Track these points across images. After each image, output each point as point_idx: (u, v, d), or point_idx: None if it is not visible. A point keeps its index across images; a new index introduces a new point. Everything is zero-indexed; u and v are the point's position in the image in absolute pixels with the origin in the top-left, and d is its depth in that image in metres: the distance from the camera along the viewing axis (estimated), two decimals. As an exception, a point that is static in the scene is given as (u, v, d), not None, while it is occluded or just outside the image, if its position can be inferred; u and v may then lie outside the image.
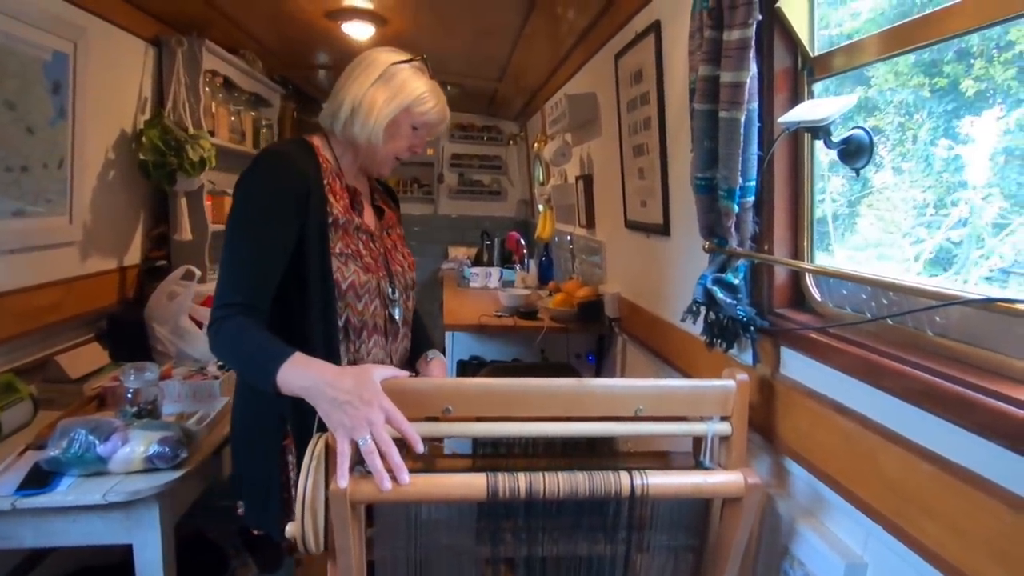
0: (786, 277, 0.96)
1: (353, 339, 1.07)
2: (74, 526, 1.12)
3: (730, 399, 0.88)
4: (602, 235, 2.11)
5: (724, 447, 0.90)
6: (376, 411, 0.77)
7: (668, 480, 0.84)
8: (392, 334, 1.15)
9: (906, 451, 0.69)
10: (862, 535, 0.80)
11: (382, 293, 1.11)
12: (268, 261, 0.96)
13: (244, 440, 1.11)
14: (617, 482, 0.82)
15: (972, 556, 0.60)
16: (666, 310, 1.42)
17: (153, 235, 2.00)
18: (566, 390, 0.86)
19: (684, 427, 0.92)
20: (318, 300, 1.02)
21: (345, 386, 0.79)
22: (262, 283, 0.96)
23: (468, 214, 4.31)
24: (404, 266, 1.20)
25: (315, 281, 1.01)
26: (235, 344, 0.91)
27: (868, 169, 1.00)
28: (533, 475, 0.81)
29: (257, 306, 0.94)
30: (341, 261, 1.03)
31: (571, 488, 0.82)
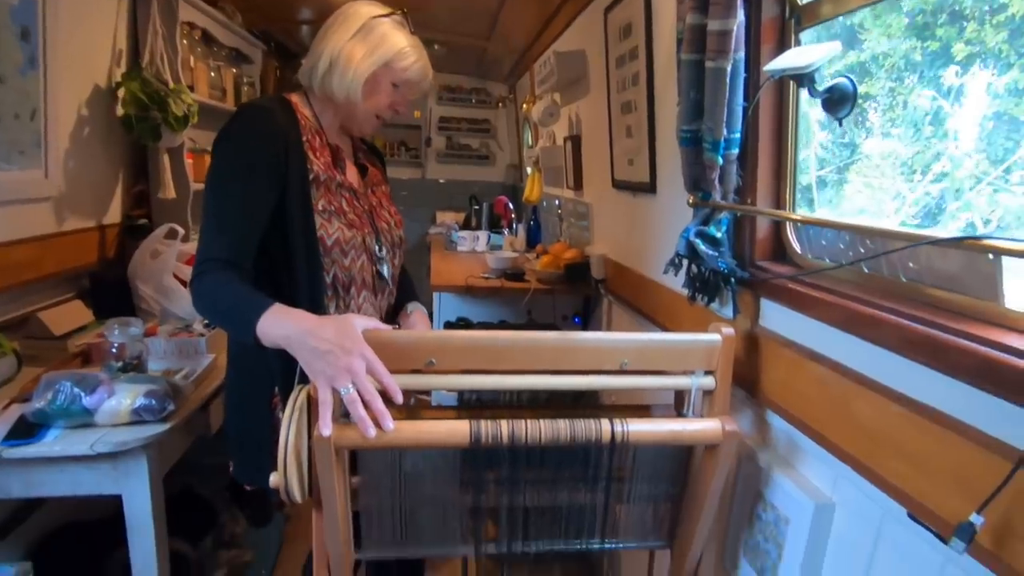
0: (768, 230, 0.97)
1: (342, 295, 1.08)
2: (62, 476, 1.13)
3: (715, 353, 0.89)
4: (590, 197, 2.10)
5: (707, 401, 0.92)
6: (357, 360, 0.76)
7: (648, 427, 0.86)
8: (380, 290, 1.16)
9: (878, 395, 0.71)
10: (832, 477, 0.83)
11: (368, 249, 1.11)
12: (249, 216, 0.95)
13: (235, 397, 1.12)
14: (598, 429, 0.84)
15: (935, 489, 0.63)
16: (651, 268, 1.43)
17: (133, 193, 1.96)
18: (551, 343, 0.86)
19: (668, 381, 0.93)
20: (302, 257, 1.01)
21: (326, 335, 0.77)
22: (243, 238, 0.95)
23: (456, 179, 4.26)
24: (391, 223, 1.19)
25: (298, 238, 1.00)
26: (216, 297, 0.90)
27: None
28: (516, 422, 0.82)
29: (238, 262, 0.93)
30: (324, 218, 1.03)
31: (553, 434, 0.83)
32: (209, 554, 1.73)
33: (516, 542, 0.97)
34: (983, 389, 0.56)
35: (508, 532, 0.96)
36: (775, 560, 0.92)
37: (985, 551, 0.56)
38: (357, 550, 0.97)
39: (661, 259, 1.21)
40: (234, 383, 1.12)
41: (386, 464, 0.89)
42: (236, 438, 1.12)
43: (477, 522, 0.96)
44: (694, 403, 0.92)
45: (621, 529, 1.00)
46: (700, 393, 0.91)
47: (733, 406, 1.07)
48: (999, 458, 0.55)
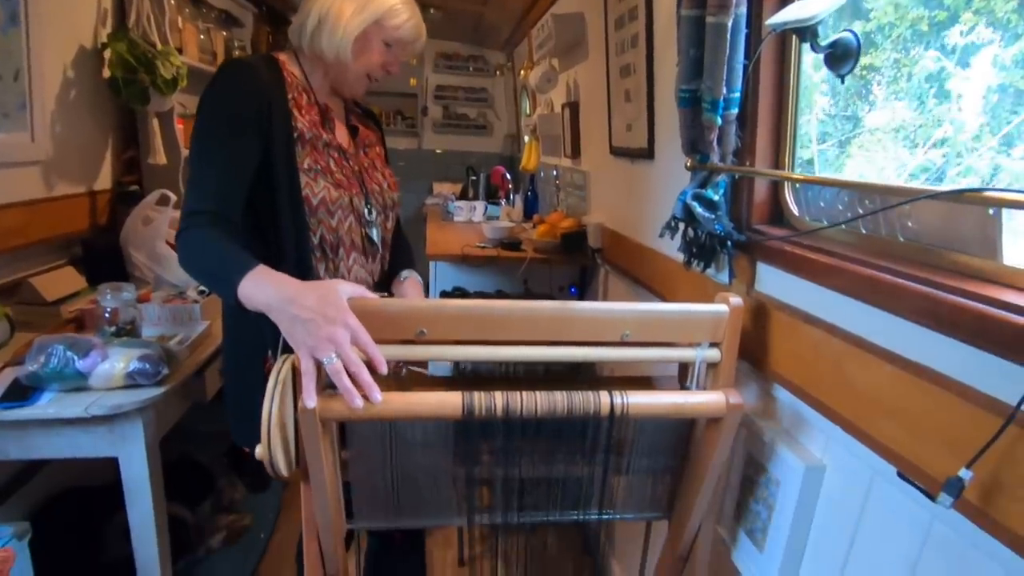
0: (766, 193, 0.96)
1: (331, 256, 1.06)
2: (58, 439, 1.13)
3: (722, 324, 0.84)
4: (587, 165, 2.07)
5: (712, 373, 0.88)
6: (340, 329, 0.72)
7: (648, 400, 0.83)
8: (371, 254, 1.14)
9: (871, 356, 0.70)
10: (823, 440, 0.83)
11: (356, 211, 1.08)
12: (234, 168, 0.93)
13: (230, 361, 1.12)
14: (597, 401, 0.80)
15: (925, 448, 0.63)
16: (648, 236, 1.42)
17: (124, 159, 1.93)
18: (549, 313, 0.81)
19: (672, 353, 0.89)
20: (288, 217, 0.99)
21: (308, 303, 0.73)
22: (229, 191, 0.93)
23: (453, 149, 4.21)
24: (383, 186, 1.16)
25: (283, 197, 0.99)
26: (200, 253, 0.88)
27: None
28: (510, 394, 0.79)
29: (225, 215, 0.91)
30: (310, 177, 1.01)
31: (549, 407, 0.80)
32: (208, 518, 1.76)
33: (511, 513, 0.95)
34: (978, 346, 0.56)
35: (503, 503, 0.94)
36: (765, 522, 0.93)
37: (972, 507, 0.57)
38: (348, 520, 0.96)
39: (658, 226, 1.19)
40: (228, 347, 1.12)
41: (376, 435, 0.87)
42: (233, 401, 1.12)
43: (471, 492, 0.94)
44: (698, 376, 0.88)
45: (619, 501, 0.99)
46: (704, 366, 0.87)
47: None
48: (991, 415, 0.55)
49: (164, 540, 1.28)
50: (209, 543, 1.71)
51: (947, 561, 0.63)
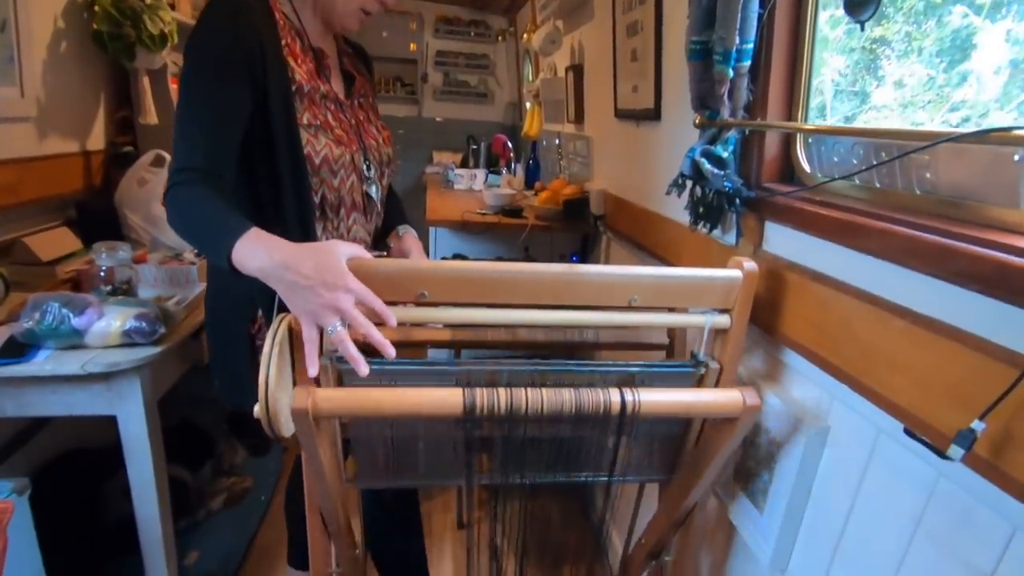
0: (776, 149, 0.93)
1: (331, 217, 1.03)
2: (55, 397, 1.12)
3: (734, 290, 0.81)
4: (591, 130, 2.03)
5: (720, 341, 0.85)
6: (342, 294, 0.69)
7: (660, 398, 0.79)
8: (370, 212, 1.11)
9: (881, 311, 0.69)
10: (827, 401, 0.82)
11: (357, 168, 1.05)
12: (225, 119, 0.88)
13: (215, 319, 1.08)
14: (607, 399, 0.77)
15: (933, 403, 0.62)
16: (652, 200, 1.39)
17: (117, 118, 1.89)
18: (555, 276, 0.77)
19: (680, 319, 0.86)
20: (289, 176, 0.95)
21: (305, 269, 0.69)
22: (220, 146, 0.88)
23: (454, 117, 4.13)
24: (379, 140, 1.12)
25: (284, 156, 0.94)
26: (190, 214, 0.83)
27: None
28: (515, 391, 0.76)
29: (217, 172, 0.86)
30: (311, 133, 0.96)
31: (556, 406, 0.76)
32: (208, 481, 1.77)
33: (512, 475, 0.94)
34: (997, 297, 0.54)
35: (503, 466, 0.93)
36: (766, 484, 0.92)
37: (982, 460, 0.56)
38: (349, 480, 0.96)
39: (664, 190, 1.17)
40: (211, 304, 1.08)
41: None
42: (217, 358, 1.09)
43: (471, 455, 0.92)
44: (706, 343, 0.85)
45: (620, 467, 0.98)
46: (712, 333, 0.84)
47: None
48: (1007, 367, 0.53)
49: (165, 499, 1.28)
50: (210, 505, 1.73)
51: (952, 516, 0.62)
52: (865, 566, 0.74)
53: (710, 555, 1.14)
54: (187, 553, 1.49)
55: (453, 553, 1.69)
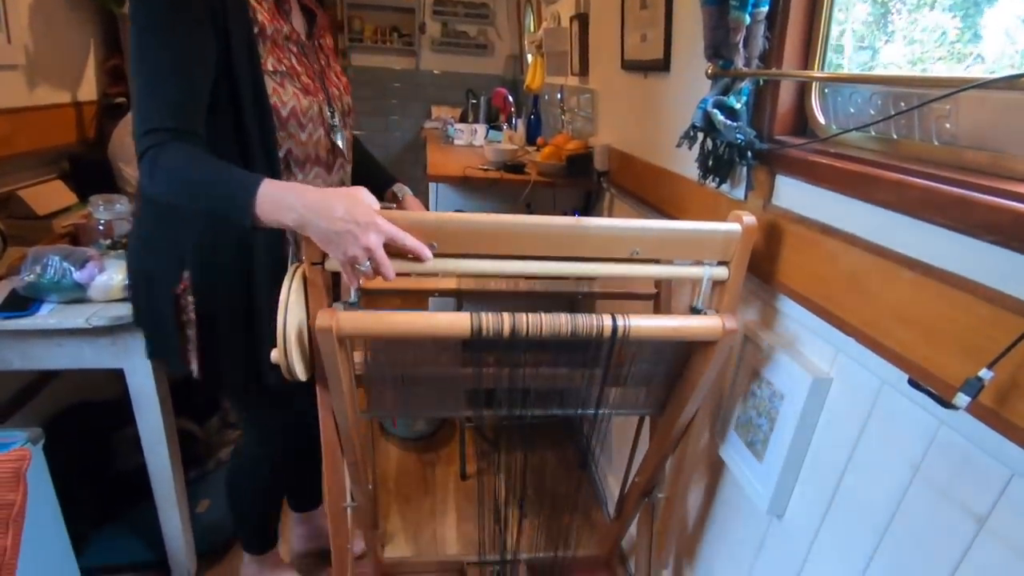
0: (791, 102, 0.91)
1: (295, 172, 0.97)
2: (60, 350, 1.13)
3: (733, 243, 0.84)
4: (595, 83, 1.98)
5: (718, 291, 0.89)
6: (373, 236, 0.72)
7: (648, 323, 0.85)
8: (332, 165, 1.05)
9: (891, 263, 0.69)
10: (831, 353, 0.83)
11: (325, 120, 0.99)
12: (192, 70, 0.81)
13: (141, 279, 1.02)
14: (600, 323, 0.83)
15: (939, 353, 0.62)
16: (659, 155, 1.37)
17: (108, 67, 1.83)
18: (560, 229, 0.81)
19: (679, 270, 0.89)
20: (255, 129, 0.89)
21: (338, 213, 0.71)
22: (191, 100, 0.81)
23: (452, 70, 4.02)
24: (340, 88, 1.06)
25: (249, 108, 0.87)
26: (187, 174, 0.78)
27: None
28: (517, 315, 0.80)
29: (192, 130, 0.81)
30: (276, 81, 0.90)
31: (554, 328, 0.82)
32: (216, 432, 1.80)
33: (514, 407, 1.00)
34: (1010, 247, 0.54)
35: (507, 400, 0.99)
36: (766, 433, 0.95)
37: (985, 408, 0.57)
38: (364, 411, 1.02)
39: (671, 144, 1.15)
40: (137, 264, 1.02)
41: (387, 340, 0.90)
42: (141, 310, 1.04)
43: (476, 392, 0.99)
44: (704, 293, 0.88)
45: (613, 402, 1.04)
46: (711, 284, 0.88)
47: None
48: (1015, 317, 0.54)
49: (175, 450, 1.31)
50: (218, 456, 1.76)
51: (951, 463, 0.64)
52: (862, 511, 0.77)
53: (709, 502, 1.17)
54: (198, 501, 1.53)
55: (456, 504, 1.74)
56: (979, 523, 0.60)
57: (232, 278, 0.98)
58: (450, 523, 1.68)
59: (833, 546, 0.82)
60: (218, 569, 1.46)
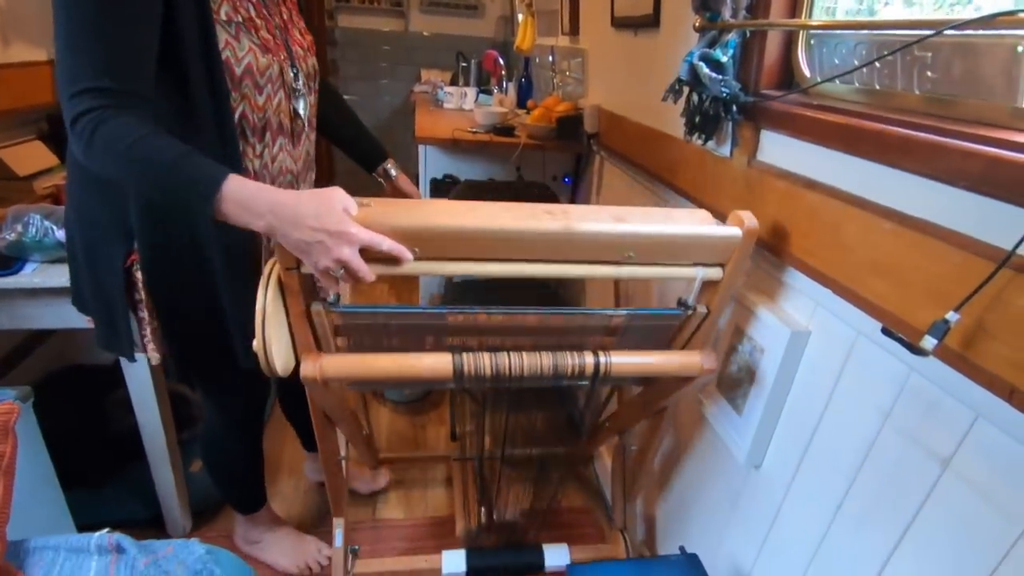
0: (777, 55, 0.90)
1: (253, 142, 0.87)
2: (48, 310, 1.13)
3: (732, 247, 0.79)
4: (586, 41, 1.94)
5: (709, 289, 0.85)
6: (346, 248, 0.66)
7: (630, 360, 0.85)
8: (296, 135, 0.95)
9: (869, 214, 0.69)
10: (810, 307, 0.85)
11: (286, 82, 0.89)
12: (130, 16, 0.69)
13: (86, 252, 0.91)
14: (581, 362, 0.83)
15: (912, 301, 0.63)
16: (647, 114, 1.36)
17: (83, 25, 1.77)
18: (553, 235, 0.74)
19: (672, 271, 0.83)
20: (203, 89, 0.78)
21: (309, 222, 0.66)
22: (132, 53, 0.69)
23: (442, 32, 3.92)
24: (304, 47, 0.95)
25: (196, 61, 0.75)
26: (136, 152, 0.67)
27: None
28: (498, 355, 0.80)
29: (134, 90, 0.70)
30: (230, 33, 0.79)
31: (535, 368, 0.81)
32: (208, 396, 1.81)
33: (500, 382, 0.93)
34: (982, 192, 0.55)
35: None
36: (747, 387, 0.97)
37: (952, 353, 0.58)
38: (349, 384, 1.00)
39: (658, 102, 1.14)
40: (80, 235, 0.90)
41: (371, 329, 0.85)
42: (85, 294, 0.95)
43: None
44: (695, 293, 0.84)
45: None
46: (702, 284, 0.83)
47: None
48: (985, 262, 0.54)
49: (166, 410, 1.32)
50: (211, 419, 1.78)
51: (919, 408, 0.66)
52: (834, 458, 0.79)
53: (689, 455, 1.20)
54: (191, 461, 1.55)
55: (446, 462, 1.78)
56: (943, 465, 0.63)
57: (186, 252, 0.88)
58: (439, 481, 1.71)
59: (806, 493, 0.85)
60: (212, 526, 1.49)
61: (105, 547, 0.77)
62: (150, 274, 0.89)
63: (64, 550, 0.77)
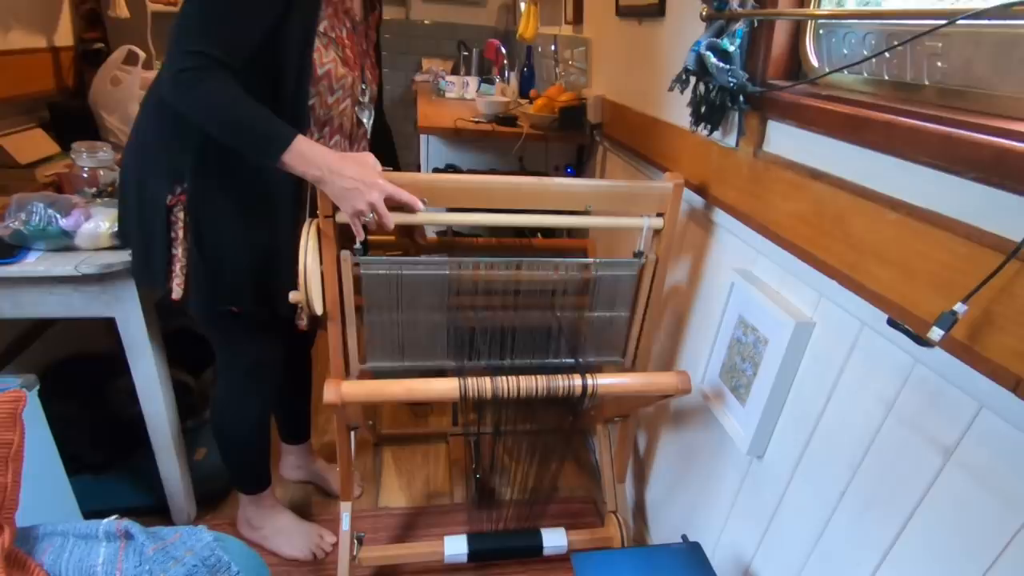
0: (785, 44, 0.90)
1: (314, 130, 1.03)
2: (51, 298, 1.13)
3: (666, 198, 1.04)
4: (590, 31, 1.93)
5: (656, 239, 1.09)
6: (376, 193, 0.89)
7: (614, 381, 1.00)
8: (356, 138, 1.13)
9: (876, 205, 0.69)
10: (815, 298, 0.85)
11: (355, 94, 1.07)
12: (256, 10, 0.86)
13: (133, 181, 1.03)
14: (571, 384, 0.97)
15: (918, 292, 0.64)
16: (652, 104, 1.35)
17: (83, 11, 1.76)
18: (528, 187, 1.00)
19: (623, 221, 1.09)
20: (292, 82, 0.94)
21: (350, 173, 0.88)
22: (245, 37, 0.86)
23: (444, 21, 3.89)
24: (372, 75, 1.14)
25: (292, 59, 0.93)
26: (229, 108, 0.85)
27: None
28: (496, 379, 0.96)
29: (233, 65, 0.86)
30: (323, 43, 0.96)
31: (530, 389, 0.96)
32: (211, 384, 1.82)
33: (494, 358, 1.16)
34: (990, 183, 0.55)
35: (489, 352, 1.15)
36: (750, 377, 0.97)
37: (958, 344, 0.58)
38: (363, 362, 1.11)
39: (664, 93, 1.13)
40: (136, 169, 1.02)
41: (386, 290, 1.04)
42: (129, 230, 1.06)
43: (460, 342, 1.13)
44: (644, 239, 1.08)
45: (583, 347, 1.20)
46: (651, 232, 1.07)
47: (726, 237, 1.08)
48: (992, 253, 0.55)
49: (170, 398, 1.33)
50: (214, 407, 1.79)
51: (923, 399, 0.66)
52: (836, 450, 0.80)
53: (688, 440, 1.21)
54: (195, 449, 1.56)
55: (447, 450, 1.79)
56: (946, 455, 0.63)
57: (236, 194, 1.00)
58: (442, 466, 1.72)
59: (808, 482, 0.86)
60: (217, 513, 1.50)
61: (114, 533, 0.77)
62: (198, 211, 0.99)
63: (73, 536, 0.77)
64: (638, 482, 1.49)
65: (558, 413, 1.62)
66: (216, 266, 1.03)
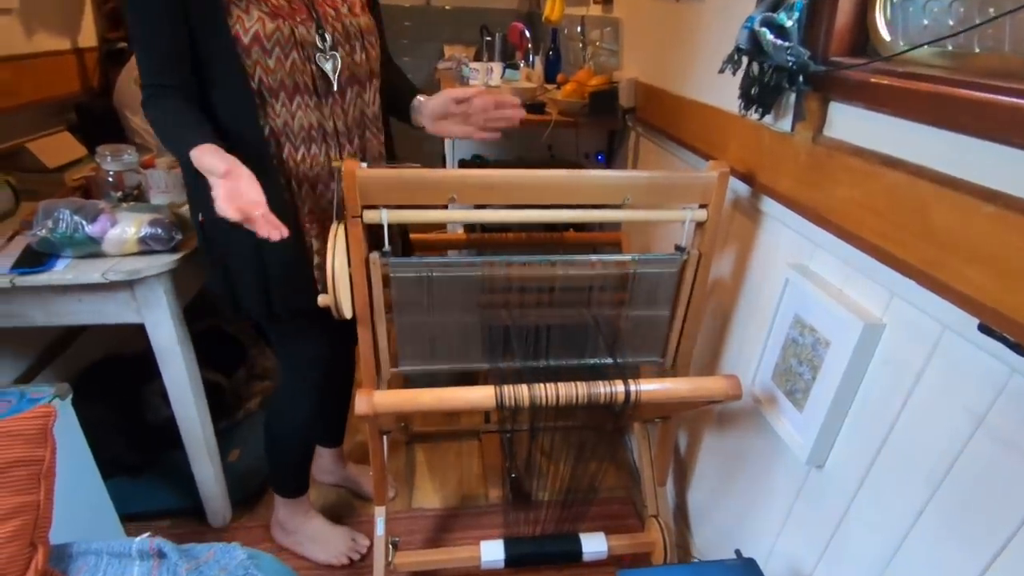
0: (850, 16, 0.81)
1: (270, 102, 0.94)
2: (81, 305, 1.12)
3: (711, 188, 0.98)
4: (620, 10, 1.84)
5: (699, 232, 1.03)
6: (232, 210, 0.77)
7: (658, 387, 0.93)
8: (324, 92, 0.99)
9: (964, 196, 0.61)
10: (885, 297, 0.77)
11: (300, 42, 0.93)
12: (163, 26, 0.86)
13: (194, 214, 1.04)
14: (613, 390, 0.90)
15: (1016, 295, 0.56)
16: (692, 86, 1.27)
17: (106, 10, 1.75)
18: (563, 179, 0.95)
19: (664, 214, 1.03)
20: (217, 60, 0.90)
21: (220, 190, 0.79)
22: (167, 54, 0.88)
23: (465, 5, 3.81)
24: (339, 7, 0.99)
25: (209, 39, 0.89)
26: (163, 128, 0.90)
27: None
28: (533, 386, 0.90)
29: (173, 83, 0.89)
30: (241, 8, 0.88)
31: (570, 397, 0.89)
32: (243, 383, 1.82)
33: (528, 359, 1.11)
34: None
35: (522, 352, 1.10)
36: (808, 381, 0.90)
37: (1073, 356, 0.51)
38: (394, 365, 1.10)
39: (706, 73, 1.06)
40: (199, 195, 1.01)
41: (417, 290, 1.01)
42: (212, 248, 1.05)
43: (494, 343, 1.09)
44: (687, 233, 1.02)
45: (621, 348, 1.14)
46: (693, 225, 1.01)
47: (777, 229, 1.00)
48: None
49: (202, 401, 1.32)
50: (247, 407, 1.79)
51: (1021, 414, 0.59)
52: (913, 463, 0.72)
53: (738, 446, 1.15)
54: (229, 451, 1.56)
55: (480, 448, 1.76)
56: (1051, 477, 0.56)
57: None
58: (475, 464, 1.69)
59: (879, 497, 0.79)
60: (252, 515, 1.50)
61: (147, 552, 0.76)
62: (215, 225, 0.98)
63: (107, 555, 0.76)
64: (679, 482, 1.44)
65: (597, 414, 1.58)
66: (243, 275, 1.03)
